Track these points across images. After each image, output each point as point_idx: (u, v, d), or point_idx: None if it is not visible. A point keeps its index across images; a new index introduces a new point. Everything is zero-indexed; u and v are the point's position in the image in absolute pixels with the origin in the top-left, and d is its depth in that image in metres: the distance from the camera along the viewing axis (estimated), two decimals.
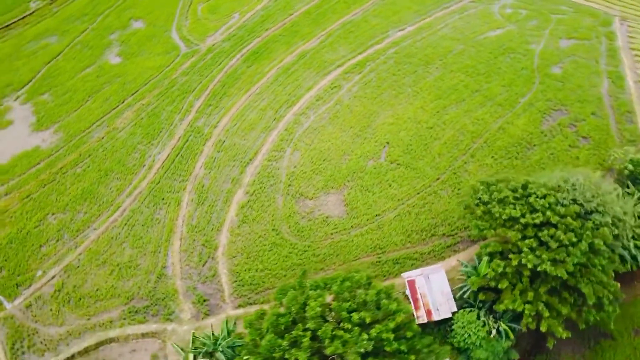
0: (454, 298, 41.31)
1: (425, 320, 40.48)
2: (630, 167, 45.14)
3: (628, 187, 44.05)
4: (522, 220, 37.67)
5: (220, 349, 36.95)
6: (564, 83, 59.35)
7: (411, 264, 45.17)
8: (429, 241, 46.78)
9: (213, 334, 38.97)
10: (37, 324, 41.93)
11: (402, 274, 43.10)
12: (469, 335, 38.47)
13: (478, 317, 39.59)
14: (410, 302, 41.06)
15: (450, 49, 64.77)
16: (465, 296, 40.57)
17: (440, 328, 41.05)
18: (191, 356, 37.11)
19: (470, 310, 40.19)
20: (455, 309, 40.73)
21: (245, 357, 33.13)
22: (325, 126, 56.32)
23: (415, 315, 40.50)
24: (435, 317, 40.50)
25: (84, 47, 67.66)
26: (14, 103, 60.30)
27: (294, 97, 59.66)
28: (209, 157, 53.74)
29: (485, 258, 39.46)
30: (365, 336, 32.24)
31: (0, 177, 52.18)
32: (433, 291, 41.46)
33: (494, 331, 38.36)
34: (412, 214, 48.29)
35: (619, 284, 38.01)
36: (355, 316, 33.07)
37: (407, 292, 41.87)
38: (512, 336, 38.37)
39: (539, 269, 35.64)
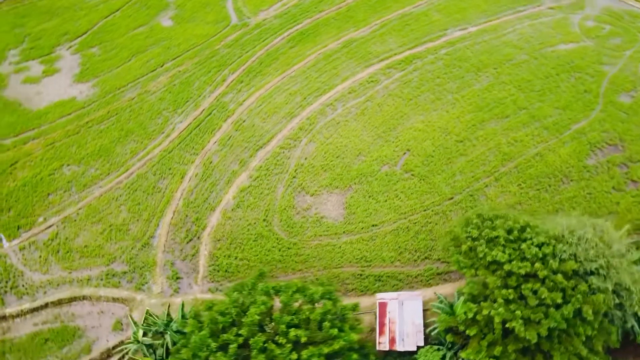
0: (425, 332, 38.27)
1: (387, 348, 37.95)
2: None
3: None
4: (507, 267, 33.68)
5: (169, 332, 36.90)
6: (630, 115, 52.24)
7: (393, 284, 42.42)
8: (420, 264, 43.60)
9: (169, 315, 39.04)
10: (25, 267, 44.30)
11: (376, 294, 40.52)
12: None
13: (443, 358, 36.44)
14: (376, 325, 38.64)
15: (509, 57, 59.07)
16: (433, 333, 37.41)
17: None
18: (141, 332, 37.43)
19: (438, 349, 37.08)
20: (422, 344, 37.79)
21: (175, 351, 32.83)
22: (350, 121, 53.79)
23: (377, 341, 38.08)
24: (399, 348, 37.79)
25: (142, 6, 69.22)
26: (66, 52, 63.21)
27: (326, 86, 57.43)
28: (225, 134, 53.34)
29: (462, 298, 35.95)
30: (294, 356, 30.66)
31: (34, 121, 55.07)
32: (404, 319, 38.62)
33: None
34: (410, 231, 45.16)
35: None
36: (292, 332, 31.50)
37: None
38: None
39: (507, 325, 31.81)
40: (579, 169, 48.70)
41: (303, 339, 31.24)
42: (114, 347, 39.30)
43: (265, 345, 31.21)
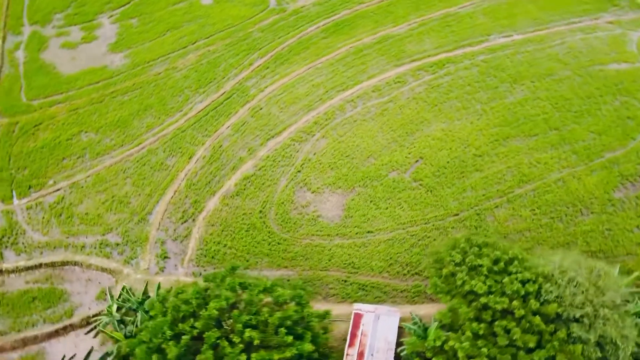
0: (396, 350, 36.73)
1: None
2: None
3: None
4: (483, 300, 31.53)
5: (140, 311, 37.30)
6: None
7: (377, 295, 40.97)
8: (409, 279, 41.84)
9: (145, 293, 39.46)
10: (28, 226, 46.07)
11: (354, 304, 39.22)
12: None
13: None
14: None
15: (551, 71, 55.18)
16: (403, 354, 35.81)
17: None
18: (115, 307, 38.06)
19: None
20: None
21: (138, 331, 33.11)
22: (367, 121, 52.11)
23: (345, 352, 36.93)
24: None
25: None
26: (106, 21, 64.64)
27: (351, 82, 55.83)
28: (240, 120, 53.04)
29: (435, 324, 34.11)
30: (244, 357, 30.12)
31: (63, 86, 56.85)
32: (377, 334, 37.20)
33: None
34: (405, 243, 43.38)
35: None
36: (247, 333, 30.95)
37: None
38: None
39: None
40: (603, 201, 45.03)
41: (256, 342, 30.62)
42: (93, 316, 40.23)
43: (218, 341, 30.81)
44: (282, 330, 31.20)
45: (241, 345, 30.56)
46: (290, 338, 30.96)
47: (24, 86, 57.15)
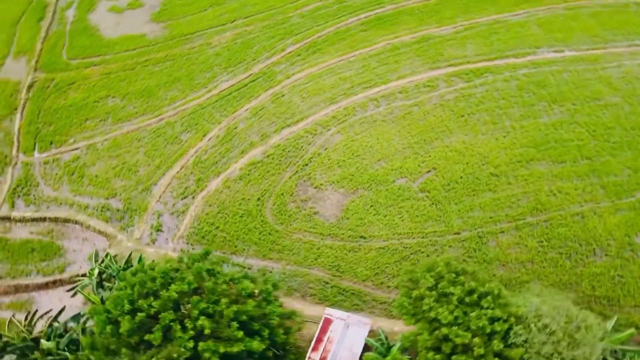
0: None
1: None
2: None
3: None
4: (445, 330, 29.77)
5: (118, 279, 38.19)
6: None
7: (355, 303, 39.86)
8: (392, 291, 40.33)
9: (127, 262, 40.35)
10: (41, 180, 48.26)
11: (326, 308, 38.36)
12: None
13: None
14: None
15: (598, 95, 50.92)
16: None
17: None
18: (96, 270, 39.18)
19: None
20: None
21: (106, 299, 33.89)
22: (387, 122, 50.38)
23: (307, 355, 36.27)
24: None
25: None
26: None
27: (380, 79, 54.04)
28: (260, 104, 52.78)
29: (398, 345, 32.72)
30: (191, 344, 30.10)
31: (102, 49, 58.75)
32: (343, 343, 36.24)
33: None
34: (396, 255, 41.84)
35: None
36: (200, 321, 30.86)
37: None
38: None
39: None
40: (622, 244, 41.30)
41: (207, 331, 30.48)
42: (77, 276, 41.70)
43: (171, 324, 30.94)
44: (234, 324, 30.86)
45: (192, 332, 30.49)
46: (240, 333, 30.59)
47: (67, 45, 59.55)
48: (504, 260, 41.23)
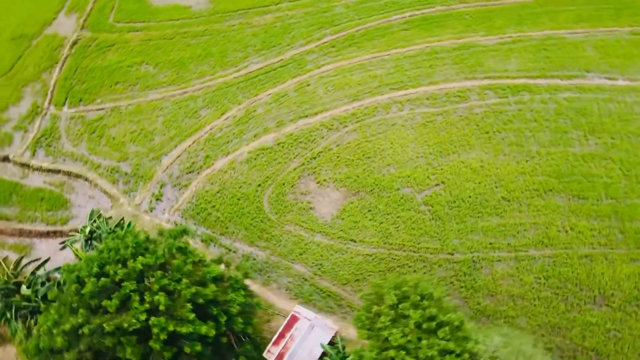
0: None
1: None
2: None
3: None
4: (392, 353, 28.60)
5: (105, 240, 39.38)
6: None
7: (328, 305, 39.21)
8: None
9: (118, 225, 41.49)
10: (64, 133, 50.46)
11: (296, 305, 37.90)
12: None
13: None
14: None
15: None
16: None
17: None
18: (88, 229, 40.60)
19: None
20: None
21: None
22: (406, 128, 48.69)
23: (267, 348, 36.11)
24: None
25: None
26: None
27: (409, 82, 52.16)
28: (282, 90, 52.41)
29: (350, 357, 31.80)
30: (143, 317, 30.63)
31: (147, 15, 60.18)
32: (304, 344, 35.76)
33: None
34: (382, 264, 40.67)
35: None
36: (157, 297, 31.31)
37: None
38: None
39: None
40: (628, 297, 38.14)
41: (161, 307, 30.86)
42: (76, 231, 43.44)
43: (131, 294, 31.58)
44: (188, 305, 31.04)
45: (148, 306, 30.95)
46: (192, 315, 30.72)
47: (116, 7, 61.47)
48: (493, 290, 39.11)
